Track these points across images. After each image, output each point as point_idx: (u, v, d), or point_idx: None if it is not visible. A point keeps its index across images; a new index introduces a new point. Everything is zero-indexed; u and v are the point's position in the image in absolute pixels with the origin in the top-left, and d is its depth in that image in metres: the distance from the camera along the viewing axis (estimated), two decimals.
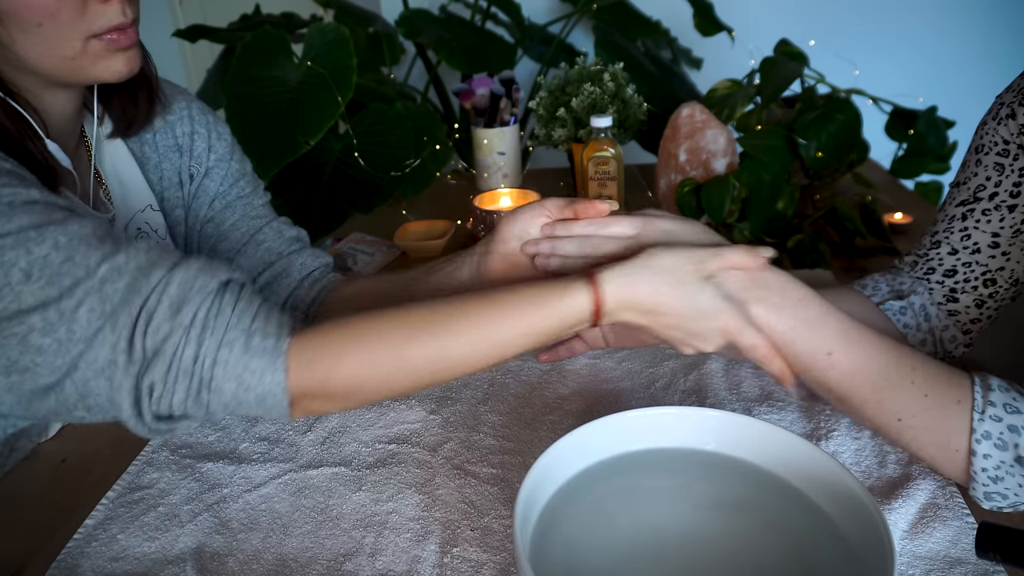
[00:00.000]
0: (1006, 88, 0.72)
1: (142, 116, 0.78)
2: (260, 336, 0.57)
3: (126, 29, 0.64)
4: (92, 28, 0.62)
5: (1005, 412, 0.58)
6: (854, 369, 0.61)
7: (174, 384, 0.55)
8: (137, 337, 0.54)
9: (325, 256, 0.88)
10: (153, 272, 0.56)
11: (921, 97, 1.44)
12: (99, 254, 0.55)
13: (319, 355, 0.58)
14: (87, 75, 0.65)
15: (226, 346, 0.56)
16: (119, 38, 0.64)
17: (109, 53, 0.64)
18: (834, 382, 0.62)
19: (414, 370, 0.60)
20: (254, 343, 0.56)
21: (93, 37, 0.63)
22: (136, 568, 0.62)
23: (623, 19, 1.73)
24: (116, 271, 0.55)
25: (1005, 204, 0.71)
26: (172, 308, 0.55)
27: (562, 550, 0.54)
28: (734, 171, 1.19)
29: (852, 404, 0.62)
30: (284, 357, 0.56)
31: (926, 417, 0.60)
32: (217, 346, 0.56)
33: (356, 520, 0.66)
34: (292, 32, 1.55)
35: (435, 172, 1.38)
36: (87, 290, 0.54)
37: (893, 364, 0.61)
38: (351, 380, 0.59)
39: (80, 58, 0.63)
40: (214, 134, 0.85)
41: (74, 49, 0.63)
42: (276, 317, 0.59)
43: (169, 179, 0.83)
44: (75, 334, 0.54)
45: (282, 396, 0.57)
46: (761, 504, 0.59)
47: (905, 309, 0.77)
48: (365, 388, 0.60)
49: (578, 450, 0.61)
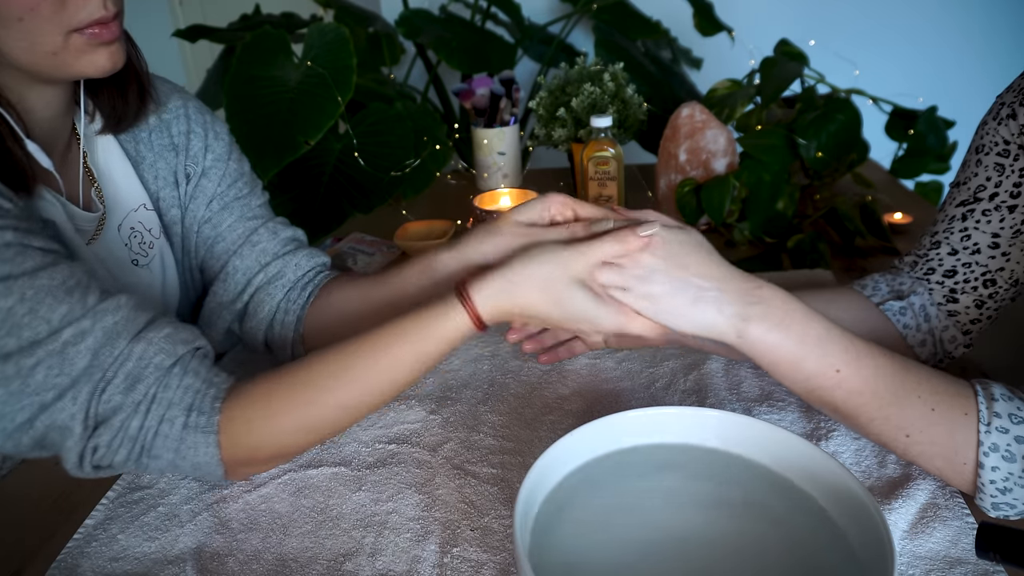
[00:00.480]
0: (1007, 88, 0.72)
1: (132, 112, 0.77)
2: (197, 413, 0.62)
3: (108, 23, 0.64)
4: (73, 22, 0.62)
5: (1011, 423, 0.57)
6: (862, 386, 0.60)
7: (117, 448, 0.61)
8: (92, 405, 0.60)
9: (321, 256, 0.88)
10: (117, 342, 0.61)
11: (921, 97, 1.44)
12: (65, 309, 0.59)
13: (244, 430, 0.64)
14: (70, 70, 0.64)
15: (167, 422, 0.62)
16: (101, 32, 0.63)
17: (91, 48, 0.64)
18: (841, 401, 0.61)
19: (327, 422, 0.66)
20: (191, 420, 0.62)
21: (74, 31, 0.62)
22: (136, 568, 0.62)
23: (623, 19, 1.73)
24: (80, 335, 0.59)
25: (1005, 204, 0.71)
26: (127, 382, 0.61)
27: (562, 550, 0.54)
28: (734, 171, 1.19)
29: (859, 422, 0.62)
30: (216, 435, 0.63)
31: (933, 432, 0.59)
32: (159, 421, 0.61)
33: (356, 520, 0.66)
34: (292, 32, 1.55)
35: (435, 172, 1.38)
36: (48, 352, 0.58)
37: (899, 379, 0.60)
38: (275, 446, 0.66)
39: (62, 53, 0.63)
40: (211, 134, 0.85)
41: (55, 44, 0.62)
42: (214, 391, 0.64)
43: (164, 178, 0.82)
44: (29, 388, 0.58)
45: (216, 467, 0.64)
46: (761, 503, 0.59)
47: (905, 309, 0.77)
48: (289, 450, 0.69)
49: (578, 450, 0.60)
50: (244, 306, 0.84)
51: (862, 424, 0.62)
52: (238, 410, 0.64)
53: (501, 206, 1.19)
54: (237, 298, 0.83)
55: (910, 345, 0.77)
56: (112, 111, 0.77)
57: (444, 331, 0.65)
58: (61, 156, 0.74)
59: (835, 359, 0.60)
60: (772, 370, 0.62)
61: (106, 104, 0.76)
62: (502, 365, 0.87)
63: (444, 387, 0.84)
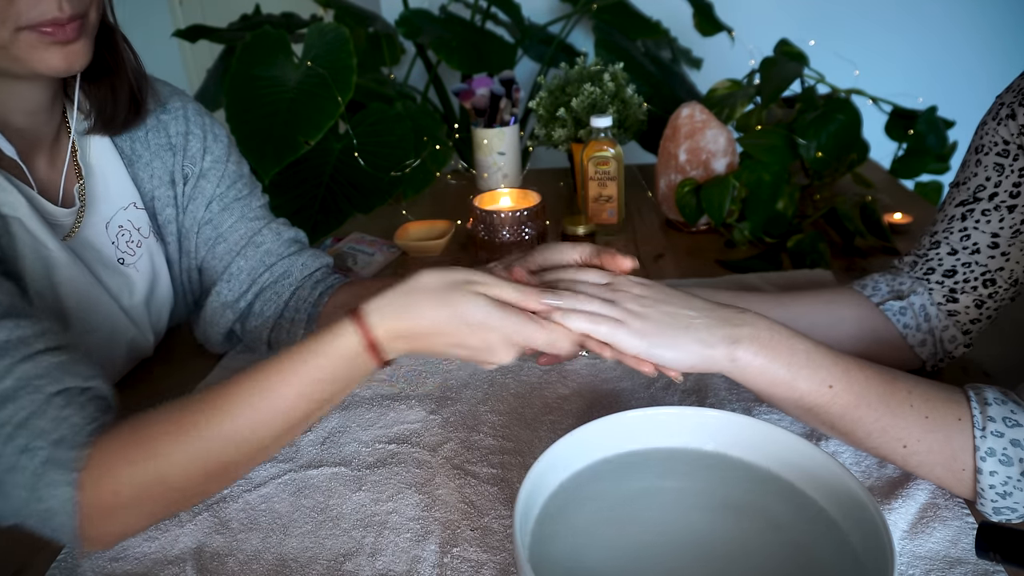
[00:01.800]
0: (1006, 88, 0.72)
1: (122, 113, 0.77)
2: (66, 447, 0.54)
3: (63, 24, 0.63)
4: (21, 20, 0.61)
5: (1006, 426, 0.57)
6: (856, 400, 0.60)
7: None
8: None
9: (325, 257, 0.89)
10: (3, 357, 0.54)
11: (921, 97, 1.44)
12: None
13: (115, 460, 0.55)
14: (23, 66, 0.64)
15: (28, 453, 0.53)
16: (54, 32, 0.62)
17: (44, 46, 0.63)
18: (837, 416, 0.61)
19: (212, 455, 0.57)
20: (55, 454, 0.53)
21: (25, 28, 0.62)
22: (136, 568, 0.62)
23: (623, 19, 1.73)
24: None
25: (1005, 204, 0.71)
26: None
27: (562, 550, 0.54)
28: (734, 171, 1.19)
29: (857, 437, 0.62)
30: (75, 474, 0.53)
31: (930, 440, 0.60)
32: (20, 451, 0.53)
33: (356, 520, 0.66)
34: (292, 32, 1.55)
35: (435, 172, 1.38)
36: None
37: (890, 389, 0.61)
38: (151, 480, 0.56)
39: (11, 47, 0.62)
40: (210, 135, 0.85)
41: (3, 38, 0.61)
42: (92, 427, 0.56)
43: (160, 177, 0.82)
44: None
45: (68, 516, 0.53)
46: (761, 504, 0.59)
47: (905, 309, 0.77)
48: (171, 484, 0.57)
49: (578, 450, 0.60)
50: (248, 305, 0.84)
51: (860, 439, 0.62)
52: (114, 440, 0.55)
53: (501, 206, 1.19)
54: (240, 297, 0.84)
55: (910, 345, 0.77)
56: (102, 111, 0.76)
57: (333, 351, 0.58)
58: (48, 151, 0.74)
59: (826, 374, 0.60)
60: (764, 393, 0.63)
61: (96, 104, 0.76)
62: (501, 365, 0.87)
63: (444, 387, 0.84)
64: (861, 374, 0.61)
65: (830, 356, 0.61)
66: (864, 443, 0.62)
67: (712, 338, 0.61)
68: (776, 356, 0.60)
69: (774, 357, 0.60)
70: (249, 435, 0.58)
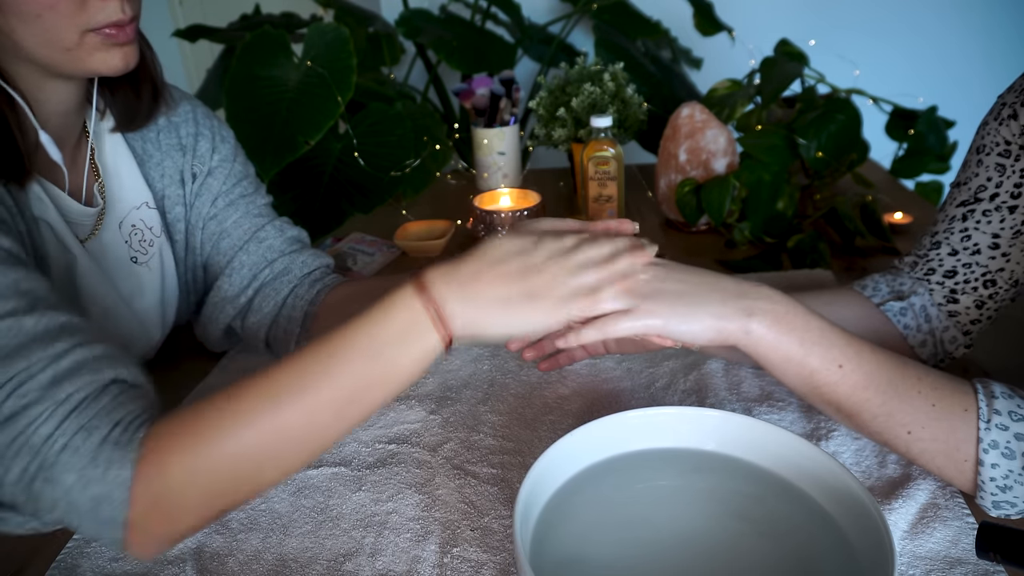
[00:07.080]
0: (1008, 88, 0.72)
1: (144, 111, 0.79)
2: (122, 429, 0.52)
3: (124, 26, 0.65)
4: (90, 23, 0.63)
5: (1011, 420, 0.57)
6: (865, 381, 0.60)
7: (12, 460, 0.51)
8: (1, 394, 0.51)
9: (325, 257, 0.90)
10: (56, 342, 0.53)
11: (921, 97, 1.44)
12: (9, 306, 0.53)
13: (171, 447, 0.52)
14: (84, 67, 0.66)
15: (85, 431, 0.51)
16: (116, 34, 0.65)
17: (106, 47, 0.65)
18: (844, 397, 0.61)
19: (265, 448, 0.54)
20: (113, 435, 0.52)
21: (90, 31, 0.64)
22: (136, 568, 0.62)
23: (623, 19, 1.73)
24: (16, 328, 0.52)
25: (1006, 205, 0.71)
26: (53, 380, 0.52)
27: (562, 550, 0.54)
28: (734, 171, 1.19)
29: (861, 420, 0.62)
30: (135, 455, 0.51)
31: (935, 428, 0.59)
32: (76, 430, 0.51)
33: (356, 520, 0.66)
34: (292, 32, 1.55)
35: (435, 172, 1.38)
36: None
37: (899, 374, 0.60)
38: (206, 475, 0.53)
39: (77, 50, 0.64)
40: (218, 137, 0.87)
41: (71, 41, 0.63)
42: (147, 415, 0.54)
43: (171, 176, 0.83)
44: None
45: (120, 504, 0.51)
46: (761, 504, 0.59)
47: (905, 310, 0.77)
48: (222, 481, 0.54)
49: (578, 450, 0.61)
50: (248, 301, 0.85)
51: (865, 422, 0.61)
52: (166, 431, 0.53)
53: (501, 206, 1.19)
54: (241, 293, 0.85)
55: (911, 346, 0.77)
56: (125, 109, 0.78)
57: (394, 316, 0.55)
58: (71, 152, 0.75)
59: (837, 353, 0.60)
60: (776, 368, 0.62)
61: (120, 102, 0.78)
62: (502, 365, 0.87)
63: (444, 387, 0.84)
64: (872, 356, 0.60)
65: (844, 336, 0.61)
66: (868, 426, 0.62)
67: (727, 310, 0.60)
68: (790, 331, 0.60)
69: (788, 331, 0.60)
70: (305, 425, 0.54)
